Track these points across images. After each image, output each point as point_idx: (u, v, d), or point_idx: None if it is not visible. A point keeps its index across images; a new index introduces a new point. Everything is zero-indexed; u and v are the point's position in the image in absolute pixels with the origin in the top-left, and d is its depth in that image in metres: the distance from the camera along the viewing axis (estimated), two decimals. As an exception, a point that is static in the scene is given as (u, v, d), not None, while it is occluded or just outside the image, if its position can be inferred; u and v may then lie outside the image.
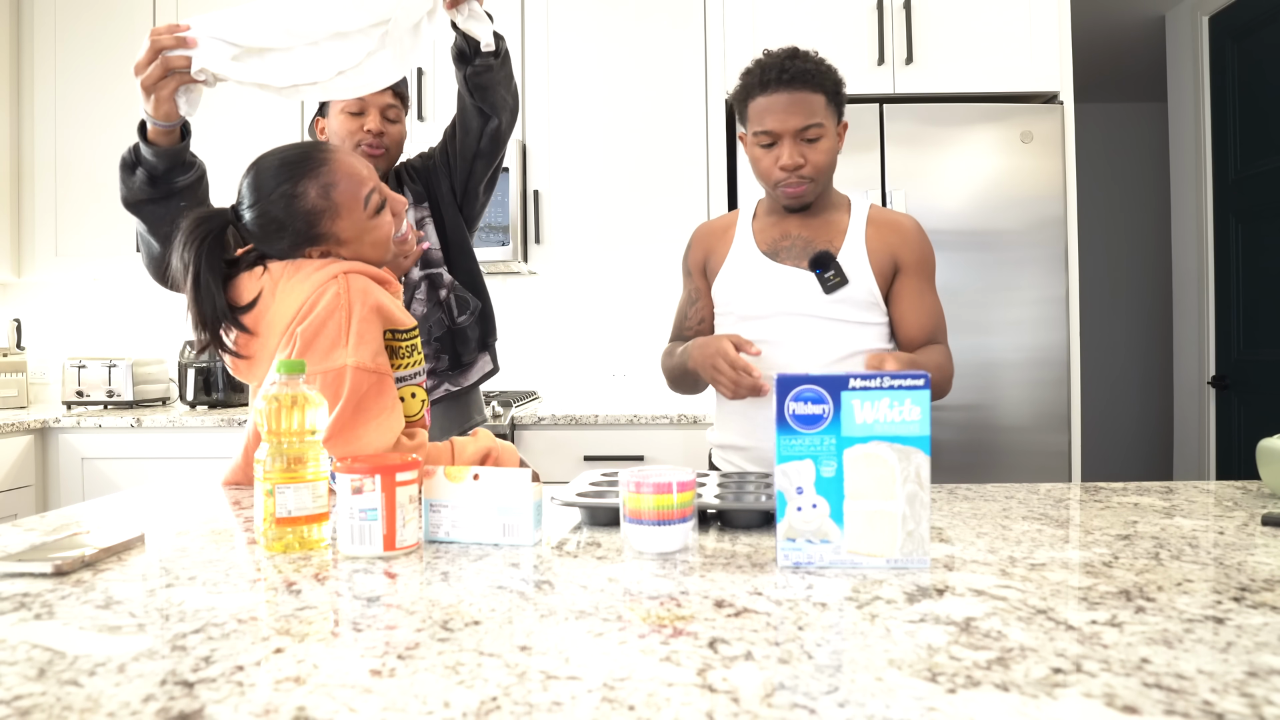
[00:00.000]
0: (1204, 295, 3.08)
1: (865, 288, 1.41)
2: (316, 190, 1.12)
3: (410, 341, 1.16)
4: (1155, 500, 1.07)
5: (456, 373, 1.58)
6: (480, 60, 1.43)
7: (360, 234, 1.15)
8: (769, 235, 1.48)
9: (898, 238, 1.44)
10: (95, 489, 2.53)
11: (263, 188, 1.11)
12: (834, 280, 1.40)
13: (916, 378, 0.75)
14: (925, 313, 1.44)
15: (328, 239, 1.14)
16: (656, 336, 3.10)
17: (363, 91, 1.27)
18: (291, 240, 1.13)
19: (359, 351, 1.07)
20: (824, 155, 1.38)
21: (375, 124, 1.48)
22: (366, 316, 1.08)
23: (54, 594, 0.69)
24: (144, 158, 1.23)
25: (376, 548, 0.80)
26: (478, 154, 1.56)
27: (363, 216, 1.15)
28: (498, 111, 1.51)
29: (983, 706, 0.46)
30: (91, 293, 3.19)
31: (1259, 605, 0.64)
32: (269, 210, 1.11)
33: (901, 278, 1.44)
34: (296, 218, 1.11)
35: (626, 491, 0.81)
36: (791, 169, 1.37)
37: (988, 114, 2.37)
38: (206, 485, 1.23)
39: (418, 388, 1.19)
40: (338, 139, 1.50)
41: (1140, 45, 3.74)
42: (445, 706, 0.47)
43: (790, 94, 1.35)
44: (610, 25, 2.79)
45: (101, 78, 2.88)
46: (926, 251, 1.46)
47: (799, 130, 1.35)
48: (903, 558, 0.75)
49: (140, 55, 1.16)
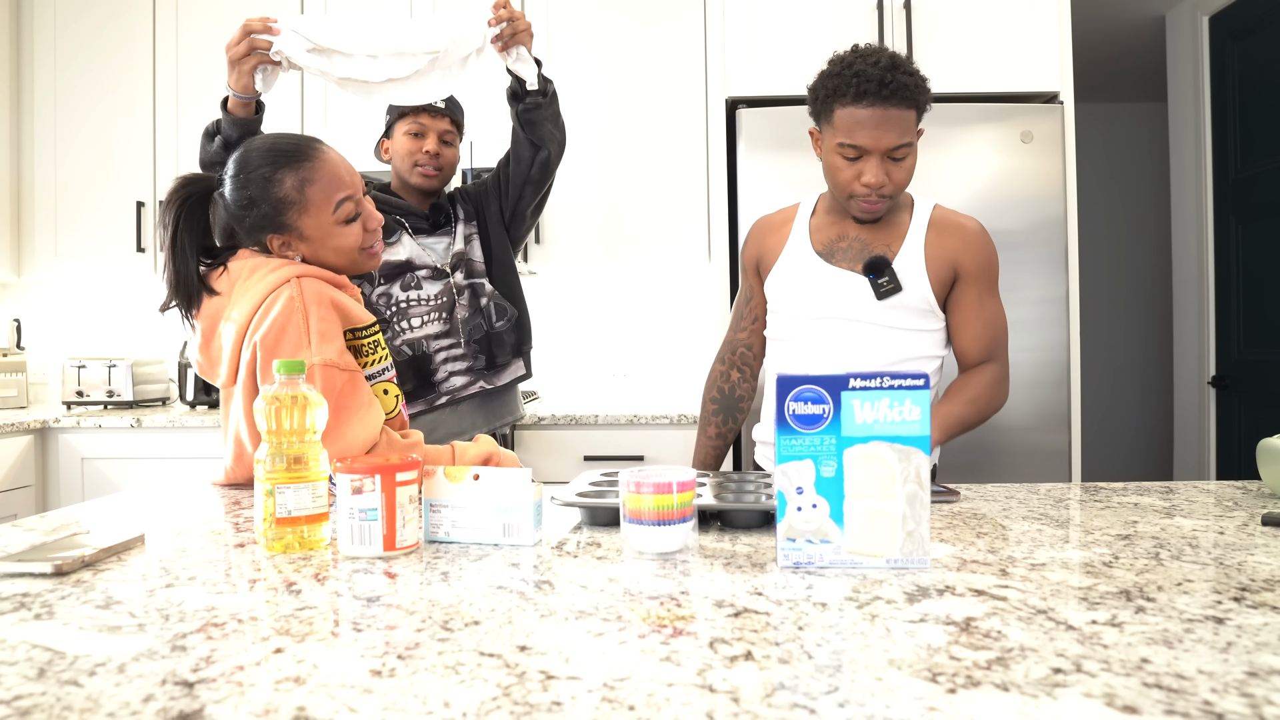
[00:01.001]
0: (1204, 295, 3.08)
1: (920, 295, 1.37)
2: (293, 181, 1.15)
3: (372, 338, 1.17)
4: (1155, 500, 1.07)
5: (491, 373, 1.75)
6: (530, 99, 1.61)
7: (323, 236, 1.17)
8: (826, 234, 1.43)
9: (959, 243, 1.38)
10: (95, 489, 2.53)
11: (248, 164, 1.15)
12: (888, 287, 1.36)
13: (916, 378, 0.75)
14: (983, 324, 1.39)
15: (290, 230, 1.16)
16: (656, 336, 3.10)
17: (403, 101, 1.46)
18: (257, 221, 1.15)
19: (324, 349, 1.08)
20: (907, 174, 1.33)
21: (434, 145, 1.67)
22: (324, 315, 1.10)
23: (54, 594, 0.69)
24: (222, 127, 1.42)
25: (376, 548, 0.81)
26: (527, 180, 1.73)
27: (329, 219, 1.17)
28: (546, 144, 1.68)
29: (983, 706, 0.46)
30: (91, 293, 3.19)
31: (1259, 605, 0.64)
32: (246, 187, 1.14)
33: (961, 286, 1.39)
34: (267, 202, 1.14)
35: (626, 491, 0.81)
36: (876, 187, 1.32)
37: (988, 114, 2.37)
38: (206, 485, 1.23)
39: (389, 384, 1.20)
40: (399, 158, 1.69)
41: (1140, 45, 3.74)
42: (445, 706, 0.47)
43: (886, 110, 1.27)
44: (610, 25, 2.79)
45: (101, 78, 2.88)
46: (989, 257, 1.40)
47: (890, 149, 1.30)
48: (903, 558, 0.75)
49: (234, 34, 1.37)
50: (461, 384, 1.71)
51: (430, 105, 1.65)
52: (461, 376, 1.71)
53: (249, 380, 1.12)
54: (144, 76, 2.88)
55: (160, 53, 2.87)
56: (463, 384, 1.71)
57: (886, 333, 1.38)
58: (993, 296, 1.41)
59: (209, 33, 2.86)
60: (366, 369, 1.16)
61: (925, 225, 1.40)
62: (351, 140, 2.77)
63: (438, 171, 1.69)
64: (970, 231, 1.40)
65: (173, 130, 2.87)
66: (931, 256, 1.38)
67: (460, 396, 1.71)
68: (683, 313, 3.10)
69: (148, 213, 2.86)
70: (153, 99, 2.87)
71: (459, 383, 1.70)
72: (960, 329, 1.41)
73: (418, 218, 1.72)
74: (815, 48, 2.46)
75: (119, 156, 2.88)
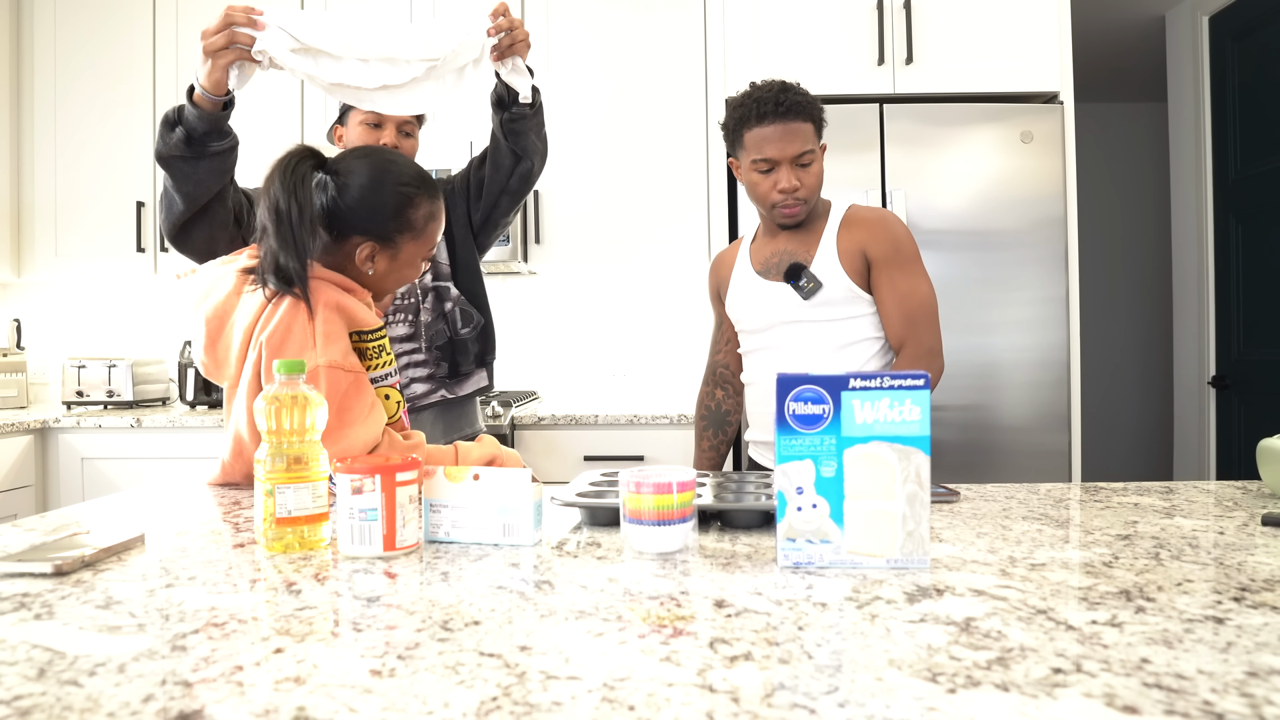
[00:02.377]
0: (1204, 295, 3.08)
1: (842, 285, 1.50)
2: (425, 211, 1.21)
3: (378, 342, 1.18)
4: (1155, 500, 1.07)
5: (453, 381, 1.66)
6: (516, 109, 1.56)
7: (407, 266, 1.23)
8: (762, 254, 1.61)
9: (865, 233, 1.51)
10: (95, 489, 2.53)
11: (393, 171, 1.19)
12: (808, 287, 1.51)
13: (916, 378, 0.75)
14: (895, 303, 1.50)
15: (389, 247, 1.20)
16: (657, 336, 3.10)
17: (397, 111, 1.37)
18: (370, 224, 1.18)
19: (328, 350, 1.08)
20: (815, 178, 1.51)
21: (392, 138, 1.57)
22: (329, 317, 1.10)
23: (54, 594, 0.69)
24: (186, 118, 1.30)
25: (376, 548, 0.80)
26: (505, 190, 1.67)
27: (420, 255, 1.24)
28: (529, 155, 1.63)
29: (983, 706, 0.46)
30: (91, 293, 3.19)
31: (1259, 605, 0.64)
32: (382, 192, 1.17)
33: (874, 271, 1.51)
34: (393, 215, 1.18)
35: (626, 491, 0.81)
36: (790, 191, 1.49)
37: (988, 114, 2.37)
38: (202, 485, 1.23)
39: (391, 389, 1.20)
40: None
41: (1140, 45, 3.74)
42: (445, 706, 0.47)
43: (785, 124, 1.47)
44: (610, 25, 2.79)
45: (101, 78, 2.88)
46: (893, 239, 1.51)
47: (795, 157, 1.48)
48: (903, 558, 0.75)
49: (212, 23, 1.25)
50: (422, 391, 1.60)
51: None
52: (422, 384, 1.61)
53: (254, 379, 1.12)
54: (144, 76, 2.88)
55: (160, 52, 2.87)
56: (423, 391, 1.61)
57: (822, 326, 1.53)
58: (905, 275, 1.51)
59: (209, 33, 2.86)
60: (371, 372, 1.16)
61: (838, 225, 1.54)
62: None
63: None
64: (872, 220, 1.53)
65: (173, 130, 2.86)
66: (843, 250, 1.51)
67: (420, 405, 1.60)
68: (683, 313, 3.10)
69: (148, 213, 2.86)
70: (153, 99, 2.87)
71: (419, 390, 1.60)
72: (880, 311, 1.52)
73: None
74: (815, 48, 2.46)
75: (119, 156, 2.88)
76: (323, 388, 1.06)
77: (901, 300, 1.50)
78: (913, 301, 1.50)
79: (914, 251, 1.52)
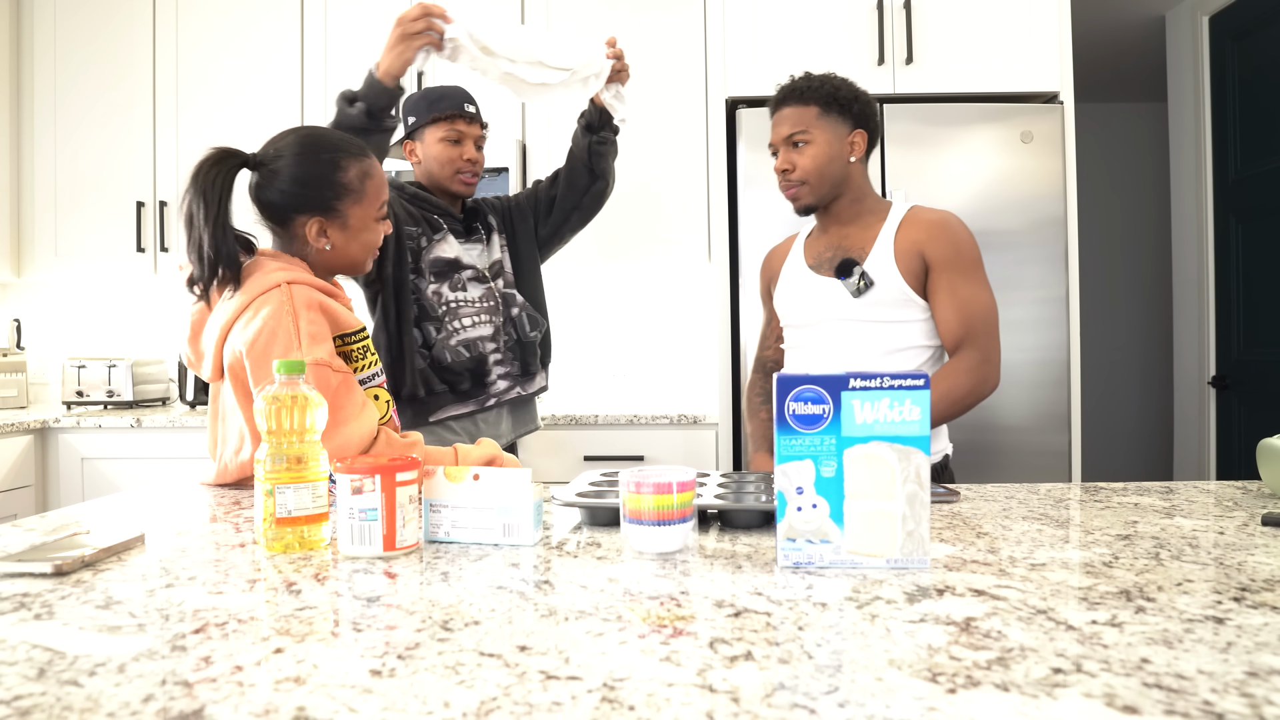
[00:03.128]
0: (1204, 295, 3.08)
1: (895, 287, 1.46)
2: (357, 172, 1.22)
3: (361, 343, 1.19)
4: (1155, 500, 1.07)
5: (525, 379, 1.81)
6: (605, 132, 1.76)
7: (361, 229, 1.24)
8: (815, 249, 1.59)
9: (924, 234, 1.47)
10: (95, 489, 2.53)
11: (316, 145, 1.21)
12: (859, 284, 1.47)
13: (916, 378, 0.75)
14: (954, 309, 1.45)
15: (337, 216, 1.21)
16: (657, 337, 3.10)
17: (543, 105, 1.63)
18: (308, 200, 1.19)
19: (314, 350, 1.09)
20: (811, 160, 1.50)
21: (472, 152, 1.71)
22: (313, 319, 1.11)
23: (54, 594, 0.69)
24: (367, 93, 1.48)
25: (376, 548, 0.81)
26: (578, 206, 1.85)
27: (373, 214, 1.24)
28: (606, 176, 1.82)
29: (983, 706, 0.46)
30: (91, 293, 3.19)
31: (1259, 605, 0.64)
32: (310, 165, 1.19)
33: (932, 274, 1.47)
34: (329, 185, 1.19)
35: (626, 491, 0.81)
36: (780, 173, 1.52)
37: (988, 114, 2.37)
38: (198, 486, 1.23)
39: (379, 389, 1.21)
40: (436, 164, 1.71)
41: (1140, 45, 3.74)
42: (445, 706, 0.47)
43: (783, 110, 1.52)
44: (610, 24, 2.79)
45: (102, 77, 2.89)
46: (956, 243, 1.46)
47: (786, 138, 1.51)
48: (903, 558, 0.75)
49: (410, 9, 1.46)
50: (504, 388, 1.75)
51: (465, 111, 1.70)
52: (504, 380, 1.75)
53: (235, 384, 1.13)
54: (144, 76, 2.88)
55: (160, 52, 2.87)
56: (504, 388, 1.75)
57: (871, 327, 1.48)
58: (967, 281, 1.46)
59: (209, 32, 2.86)
60: (358, 374, 1.17)
61: (897, 224, 1.50)
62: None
63: (475, 178, 1.74)
64: (934, 222, 1.49)
65: (173, 130, 2.87)
66: (900, 250, 1.47)
67: (503, 400, 1.75)
68: (683, 313, 3.10)
69: (148, 213, 2.86)
70: (153, 98, 2.87)
71: (502, 386, 1.75)
72: (936, 316, 1.48)
73: (454, 219, 1.75)
74: (815, 48, 2.46)
75: (119, 156, 2.88)
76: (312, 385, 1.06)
77: (961, 306, 1.44)
78: (973, 308, 1.45)
79: (976, 256, 1.47)
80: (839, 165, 1.51)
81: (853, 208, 1.54)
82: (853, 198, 1.54)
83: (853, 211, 1.54)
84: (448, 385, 1.69)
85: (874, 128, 1.54)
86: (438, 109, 1.68)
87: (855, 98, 1.51)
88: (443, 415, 1.70)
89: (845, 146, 1.50)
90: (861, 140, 1.51)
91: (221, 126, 2.81)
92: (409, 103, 1.73)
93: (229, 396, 1.16)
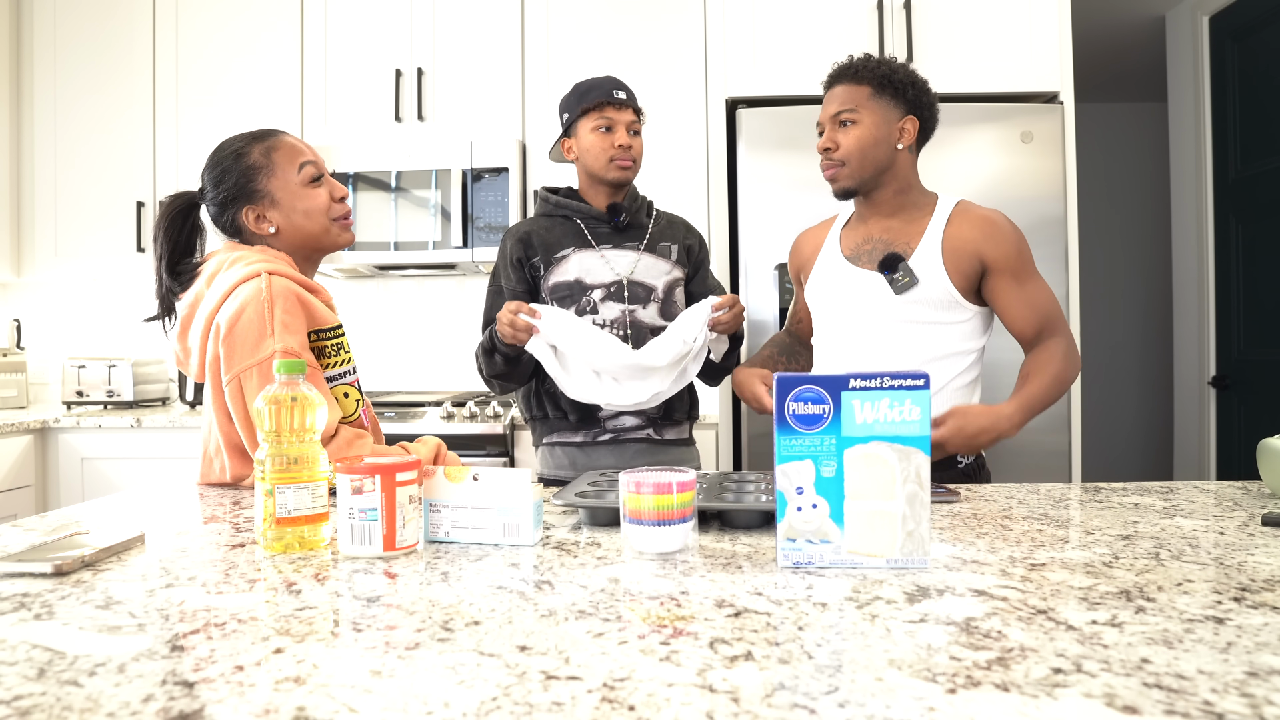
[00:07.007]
0: (1204, 295, 3.08)
1: (941, 287, 1.41)
2: (260, 150, 1.24)
3: (335, 340, 1.20)
4: (1155, 500, 1.07)
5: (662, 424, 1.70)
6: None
7: (292, 199, 1.25)
8: (853, 239, 1.51)
9: (979, 234, 1.41)
10: (95, 489, 2.53)
11: (220, 148, 1.26)
12: (903, 281, 1.41)
13: (916, 378, 0.75)
14: (1026, 307, 1.42)
15: (262, 197, 1.23)
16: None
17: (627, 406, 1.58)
18: (231, 194, 1.23)
19: (285, 338, 1.11)
20: (855, 141, 1.43)
21: (625, 139, 1.64)
22: (289, 309, 1.13)
23: (54, 594, 0.69)
24: (501, 347, 1.56)
25: (376, 548, 0.81)
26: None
27: (295, 180, 1.25)
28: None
29: (983, 706, 0.46)
30: (91, 293, 3.19)
31: (1259, 605, 0.64)
32: (219, 165, 1.25)
33: (993, 276, 1.42)
34: (238, 172, 1.23)
35: (626, 491, 0.81)
36: (821, 151, 1.46)
37: (988, 114, 2.37)
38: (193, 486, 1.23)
39: (350, 387, 1.21)
40: (591, 156, 1.64)
41: (1140, 45, 3.74)
42: (445, 706, 0.47)
43: (834, 89, 1.47)
44: (610, 24, 2.79)
45: (102, 77, 2.88)
46: (1014, 243, 1.42)
47: (833, 116, 1.44)
48: (903, 558, 0.75)
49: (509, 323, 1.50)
50: (631, 425, 1.65)
51: (614, 98, 1.63)
52: (631, 417, 1.65)
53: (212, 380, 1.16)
54: (144, 76, 2.88)
55: (160, 52, 2.87)
56: (632, 425, 1.65)
57: (911, 328, 1.43)
58: (1031, 278, 1.44)
59: (209, 32, 2.86)
60: (327, 370, 1.18)
61: (945, 220, 1.44)
62: (352, 139, 2.77)
63: (632, 163, 1.66)
64: (990, 223, 1.43)
65: (173, 130, 2.87)
66: (950, 249, 1.41)
67: (624, 438, 1.65)
68: (683, 313, 3.09)
69: (148, 213, 2.86)
70: (153, 98, 2.87)
71: (628, 423, 1.65)
72: (1007, 316, 1.44)
73: (595, 220, 1.68)
74: (815, 48, 2.46)
75: (119, 156, 2.88)
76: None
77: (1033, 304, 1.42)
78: (1043, 301, 1.43)
79: (1029, 251, 1.44)
80: (884, 150, 1.43)
81: (897, 199, 1.47)
82: (898, 188, 1.46)
83: (897, 203, 1.47)
84: (562, 412, 1.65)
85: (928, 117, 1.47)
86: (587, 100, 1.62)
87: (911, 83, 1.44)
88: (553, 440, 1.66)
89: (894, 131, 1.43)
90: (912, 128, 1.44)
91: (221, 126, 2.81)
92: (563, 101, 1.68)
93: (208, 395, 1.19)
